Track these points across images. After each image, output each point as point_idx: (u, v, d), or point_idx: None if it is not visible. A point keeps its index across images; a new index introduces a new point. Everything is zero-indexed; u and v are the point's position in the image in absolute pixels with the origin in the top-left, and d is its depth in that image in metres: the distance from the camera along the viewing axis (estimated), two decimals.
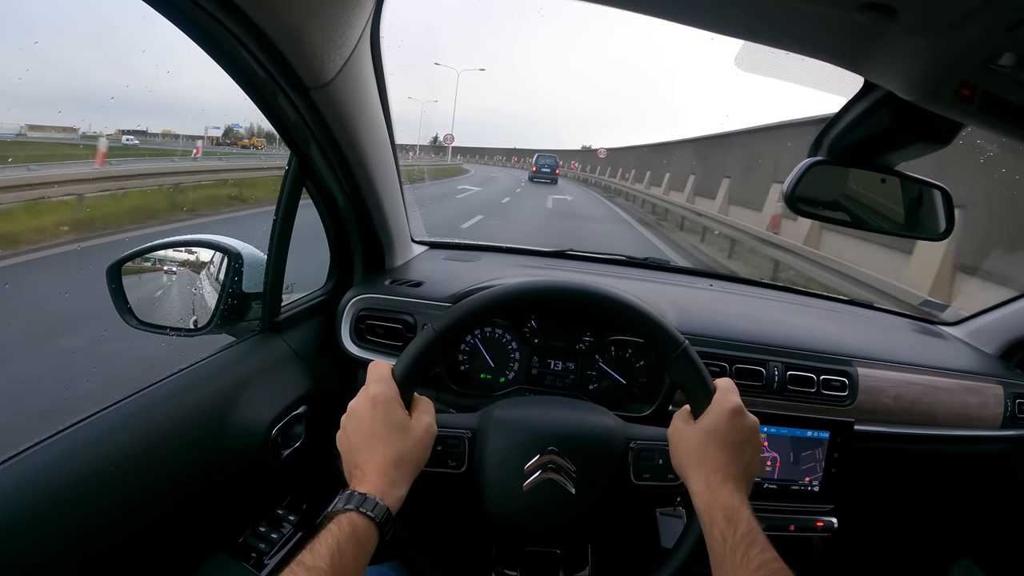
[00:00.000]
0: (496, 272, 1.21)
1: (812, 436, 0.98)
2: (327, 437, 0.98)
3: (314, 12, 0.62)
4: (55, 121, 12.71)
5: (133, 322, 0.97)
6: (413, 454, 0.59)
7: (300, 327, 1.02)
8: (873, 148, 0.81)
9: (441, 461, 0.66)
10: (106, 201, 6.89)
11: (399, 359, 0.65)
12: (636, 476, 0.68)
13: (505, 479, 0.66)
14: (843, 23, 0.57)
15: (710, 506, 0.58)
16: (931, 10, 0.52)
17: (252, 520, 0.89)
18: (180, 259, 1.14)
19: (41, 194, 5.98)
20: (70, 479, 0.60)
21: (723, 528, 0.56)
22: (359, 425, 0.60)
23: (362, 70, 0.78)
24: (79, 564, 0.59)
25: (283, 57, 0.63)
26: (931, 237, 0.90)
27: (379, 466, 0.57)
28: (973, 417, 1.07)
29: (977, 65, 0.57)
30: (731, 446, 0.61)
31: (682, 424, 0.65)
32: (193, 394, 0.79)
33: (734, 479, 0.59)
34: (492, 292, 0.68)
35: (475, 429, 0.69)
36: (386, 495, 0.55)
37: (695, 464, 0.61)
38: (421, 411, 0.63)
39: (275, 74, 0.67)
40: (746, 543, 0.54)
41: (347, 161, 0.88)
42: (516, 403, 0.73)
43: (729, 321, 1.08)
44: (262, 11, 0.57)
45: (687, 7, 0.63)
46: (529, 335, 1.04)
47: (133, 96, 2.99)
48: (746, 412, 0.64)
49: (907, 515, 1.17)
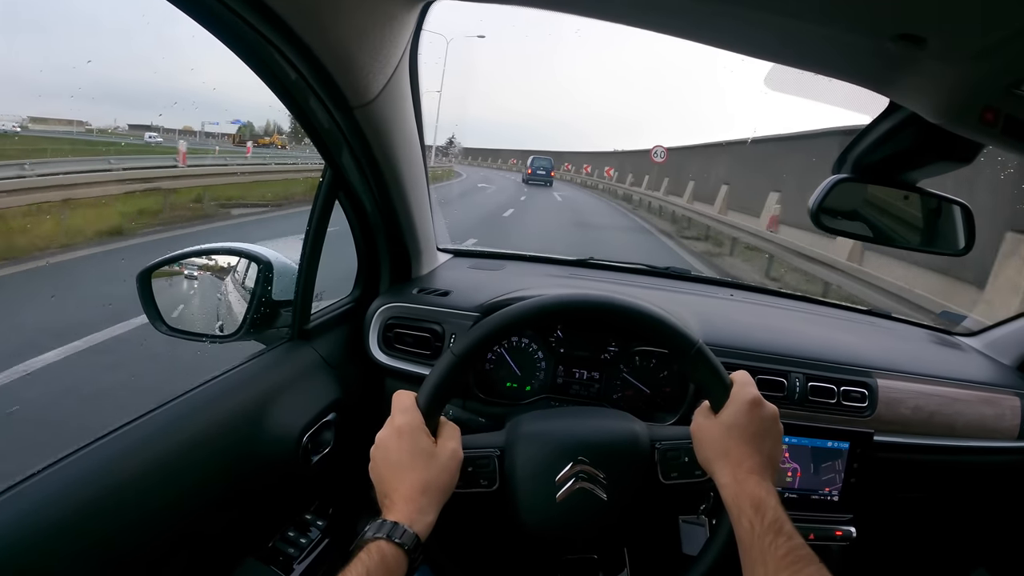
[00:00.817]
0: (522, 282, 1.23)
1: (832, 446, 0.99)
2: (355, 444, 1.01)
3: (363, 33, 0.63)
4: (65, 114, 13.00)
5: (163, 328, 0.99)
6: (440, 480, 0.61)
7: (328, 335, 1.04)
8: (896, 166, 0.83)
9: (473, 481, 0.67)
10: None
11: (422, 387, 0.66)
12: (664, 476, 0.69)
13: (538, 492, 0.67)
14: (874, 50, 0.59)
15: (737, 497, 0.60)
16: (960, 40, 0.54)
17: (281, 525, 0.90)
18: (204, 266, 1.16)
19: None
20: (111, 485, 0.61)
21: (751, 517, 0.57)
22: (386, 455, 0.62)
23: (402, 87, 0.80)
24: (121, 567, 0.61)
25: (330, 77, 0.65)
26: (951, 252, 0.92)
27: (407, 494, 0.59)
28: (990, 428, 1.08)
29: (1002, 91, 0.59)
30: (753, 437, 0.63)
31: (704, 420, 0.67)
32: (228, 401, 0.81)
33: (759, 469, 0.61)
34: (507, 313, 0.69)
35: (503, 447, 0.70)
36: (414, 522, 0.57)
37: (720, 458, 0.63)
38: (446, 437, 0.65)
39: (320, 93, 0.68)
40: (774, 531, 0.56)
41: (381, 174, 0.90)
42: (540, 416, 0.75)
43: (751, 332, 1.09)
44: (313, 32, 0.59)
45: (725, 34, 0.65)
46: (555, 345, 1.06)
47: (139, 91, 3.06)
48: (764, 402, 0.65)
49: (925, 525, 1.18)
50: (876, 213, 0.89)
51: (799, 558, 0.54)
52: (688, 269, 1.50)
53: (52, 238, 5.15)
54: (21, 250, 4.57)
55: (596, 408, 0.79)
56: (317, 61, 0.62)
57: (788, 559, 0.54)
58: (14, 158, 6.49)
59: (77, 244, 5.17)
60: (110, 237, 5.62)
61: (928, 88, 0.65)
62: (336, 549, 0.95)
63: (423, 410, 0.64)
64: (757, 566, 0.55)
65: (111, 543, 0.60)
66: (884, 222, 0.89)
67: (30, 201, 5.41)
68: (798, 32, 0.60)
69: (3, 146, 7.87)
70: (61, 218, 5.55)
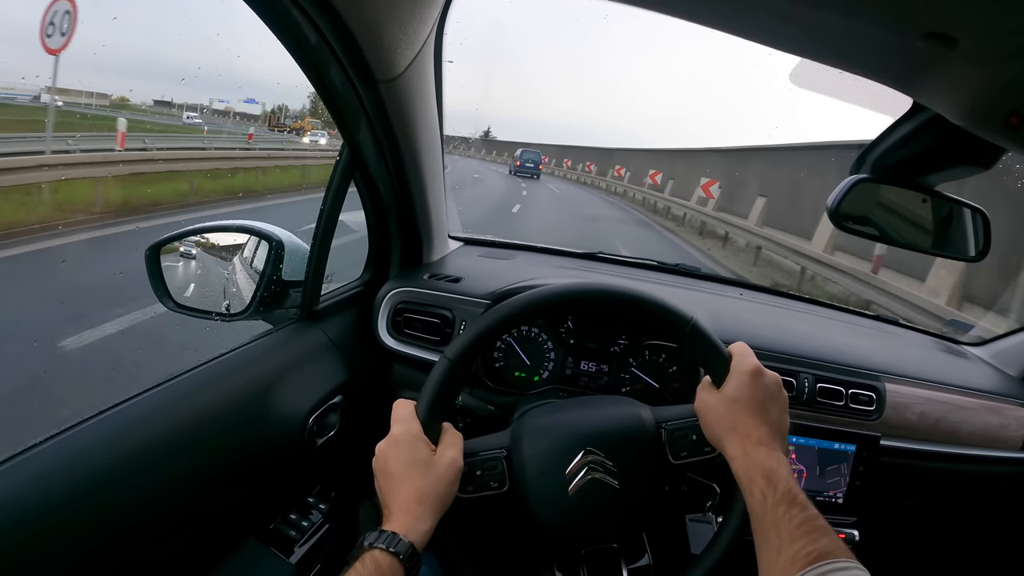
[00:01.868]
0: (532, 272, 1.22)
1: (839, 448, 0.99)
2: (360, 427, 1.00)
3: (393, 5, 0.63)
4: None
5: (171, 304, 0.98)
6: (437, 489, 0.61)
7: (337, 317, 1.03)
8: (915, 168, 0.83)
9: (483, 485, 0.67)
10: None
11: (420, 396, 0.66)
12: (674, 456, 0.69)
13: (549, 488, 0.67)
14: (902, 48, 0.59)
15: (748, 469, 0.59)
16: (991, 41, 0.54)
17: (284, 506, 0.90)
18: (213, 244, 1.15)
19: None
20: (114, 460, 0.61)
21: (763, 488, 0.57)
22: (385, 466, 0.62)
23: (427, 65, 0.80)
24: (121, 543, 0.60)
25: (359, 50, 0.64)
26: (964, 258, 0.92)
27: (403, 503, 0.59)
28: (995, 438, 1.08)
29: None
30: (758, 407, 0.63)
31: (707, 396, 0.66)
32: (234, 380, 0.80)
33: (767, 440, 0.61)
34: (498, 311, 0.68)
35: (509, 446, 0.69)
36: (410, 531, 0.57)
37: (728, 432, 0.63)
38: (447, 445, 0.64)
39: (347, 66, 0.68)
40: (787, 501, 0.55)
41: (400, 154, 0.90)
42: (543, 412, 0.74)
43: (761, 331, 1.09)
44: (347, 4, 0.59)
45: (748, 23, 0.65)
46: (565, 336, 1.06)
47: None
48: (765, 371, 0.65)
49: (927, 532, 1.18)
50: (893, 214, 0.89)
51: (814, 528, 0.53)
52: (698, 267, 1.50)
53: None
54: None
55: (598, 397, 0.78)
56: (346, 29, 0.62)
57: (803, 528, 0.53)
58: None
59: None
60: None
61: (954, 90, 0.65)
62: (337, 534, 0.94)
63: (422, 419, 0.64)
64: (771, 536, 0.54)
65: (111, 517, 0.59)
66: (901, 224, 0.89)
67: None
68: (826, 26, 0.60)
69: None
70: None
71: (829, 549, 0.51)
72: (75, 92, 8.68)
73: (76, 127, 7.83)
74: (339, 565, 0.56)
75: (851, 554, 0.51)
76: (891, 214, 0.89)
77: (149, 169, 6.72)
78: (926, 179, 0.85)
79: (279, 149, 12.83)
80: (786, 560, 0.51)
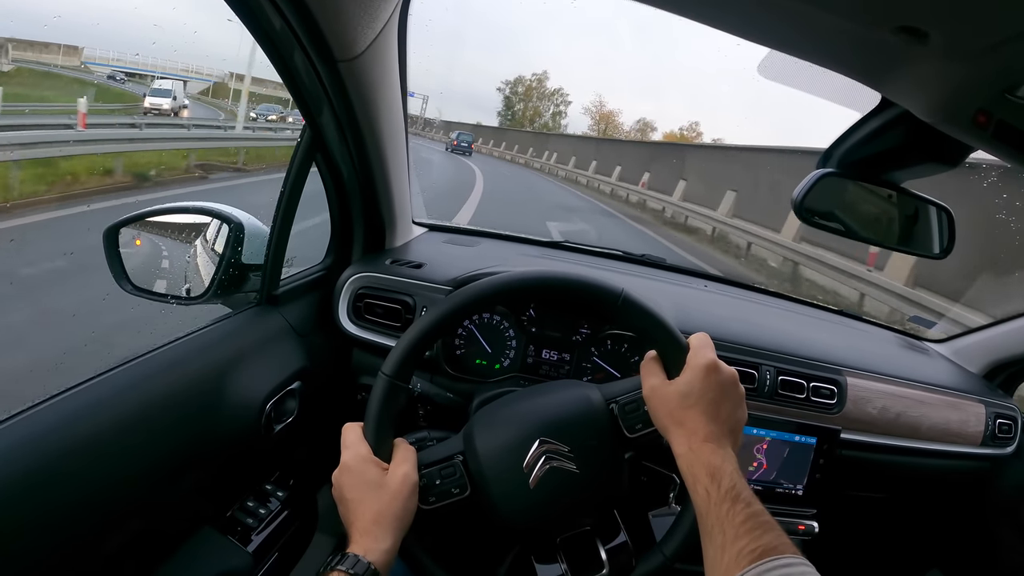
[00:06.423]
0: (495, 260, 1.21)
1: (799, 441, 1.00)
2: (319, 414, 0.98)
3: None
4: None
5: (128, 287, 0.95)
6: (393, 507, 0.61)
7: (297, 302, 1.01)
8: (882, 164, 0.83)
9: (445, 493, 0.66)
10: None
11: (365, 418, 0.66)
12: (629, 430, 0.68)
13: (510, 485, 0.66)
14: (873, 41, 0.58)
15: (692, 466, 0.59)
16: (963, 37, 0.53)
17: (241, 494, 0.88)
18: (175, 225, 1.11)
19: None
20: (61, 449, 0.59)
21: (707, 485, 0.56)
22: (340, 493, 0.63)
23: (389, 46, 0.77)
24: (71, 534, 0.58)
25: (317, 26, 0.62)
26: (929, 255, 0.92)
27: (361, 526, 0.60)
28: (954, 433, 1.10)
29: (997, 94, 0.58)
30: (709, 404, 0.62)
31: (658, 384, 0.65)
32: (190, 365, 0.78)
33: (715, 437, 0.60)
34: (428, 318, 0.67)
35: (463, 450, 0.69)
36: (369, 551, 0.58)
37: (675, 426, 0.62)
38: (398, 461, 0.64)
39: (306, 43, 0.65)
40: (731, 497, 0.55)
41: (362, 136, 0.87)
42: (491, 410, 0.73)
43: (724, 323, 1.10)
44: None
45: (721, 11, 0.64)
46: (527, 324, 1.05)
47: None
48: (721, 367, 0.64)
49: (884, 524, 1.21)
50: (858, 210, 0.89)
51: (759, 524, 0.53)
52: (663, 258, 1.50)
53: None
54: None
55: (546, 384, 0.77)
56: (305, 7, 0.59)
57: (747, 525, 0.52)
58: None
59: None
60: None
61: (924, 85, 0.64)
62: (295, 521, 0.93)
63: (370, 441, 0.64)
64: (715, 534, 0.54)
65: (56, 510, 0.57)
66: (866, 219, 0.89)
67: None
68: (796, 17, 0.59)
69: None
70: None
71: (774, 545, 0.51)
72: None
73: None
74: (297, 553, 0.55)
75: (796, 550, 0.51)
76: (857, 210, 0.89)
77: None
78: (893, 175, 0.85)
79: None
80: (730, 558, 0.51)
